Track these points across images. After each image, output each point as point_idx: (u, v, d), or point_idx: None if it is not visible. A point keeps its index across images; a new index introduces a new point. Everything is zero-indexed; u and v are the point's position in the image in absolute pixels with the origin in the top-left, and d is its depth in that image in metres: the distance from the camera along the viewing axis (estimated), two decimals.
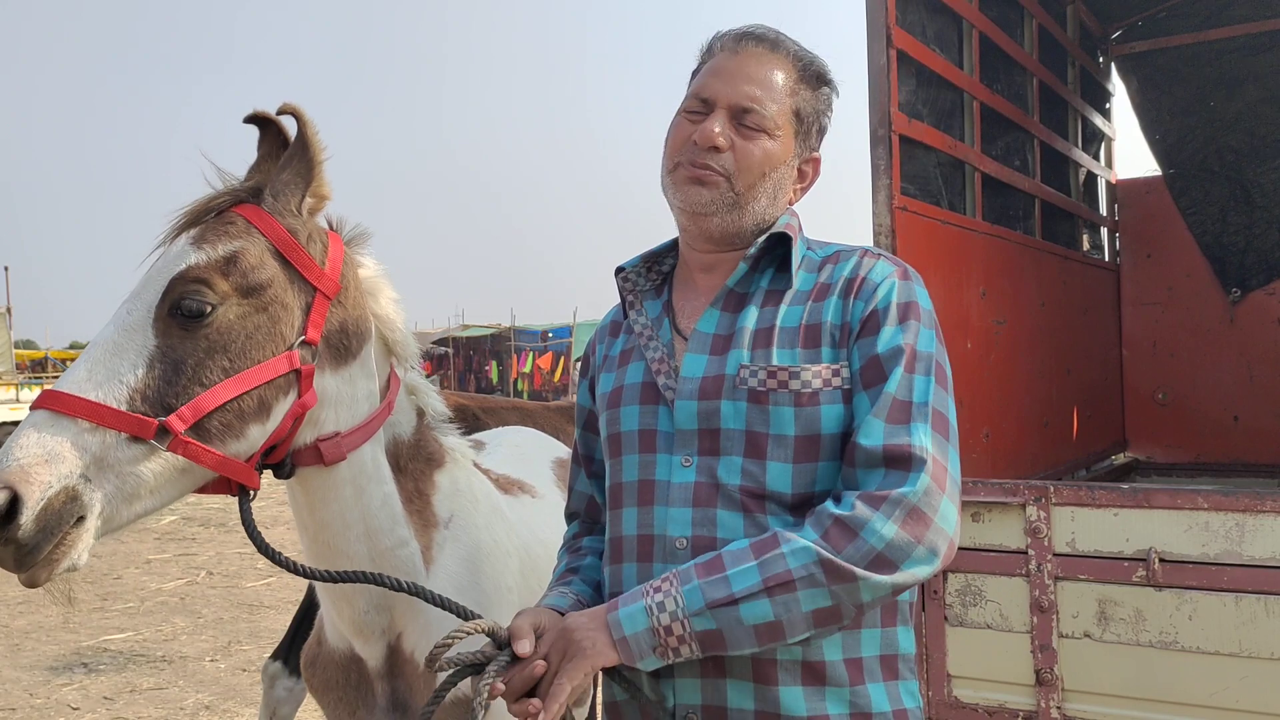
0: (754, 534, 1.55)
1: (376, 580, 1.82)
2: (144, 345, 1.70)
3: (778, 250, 1.72)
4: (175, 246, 1.82)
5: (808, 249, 1.75)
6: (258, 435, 1.80)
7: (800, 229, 1.76)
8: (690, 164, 1.68)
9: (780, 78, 1.70)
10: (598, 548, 1.91)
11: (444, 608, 1.77)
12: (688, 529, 1.59)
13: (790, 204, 1.77)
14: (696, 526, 1.59)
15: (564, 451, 3.52)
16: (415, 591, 1.80)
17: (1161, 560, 2.69)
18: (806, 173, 1.79)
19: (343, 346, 1.95)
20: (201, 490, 1.82)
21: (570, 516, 2.04)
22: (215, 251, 1.79)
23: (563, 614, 1.64)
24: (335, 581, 1.88)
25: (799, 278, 1.69)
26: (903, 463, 1.50)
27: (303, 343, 1.85)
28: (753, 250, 1.69)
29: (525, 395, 34.60)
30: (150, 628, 7.92)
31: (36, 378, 26.68)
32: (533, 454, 3.33)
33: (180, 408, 1.68)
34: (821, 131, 1.78)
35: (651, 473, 1.66)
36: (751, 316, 1.67)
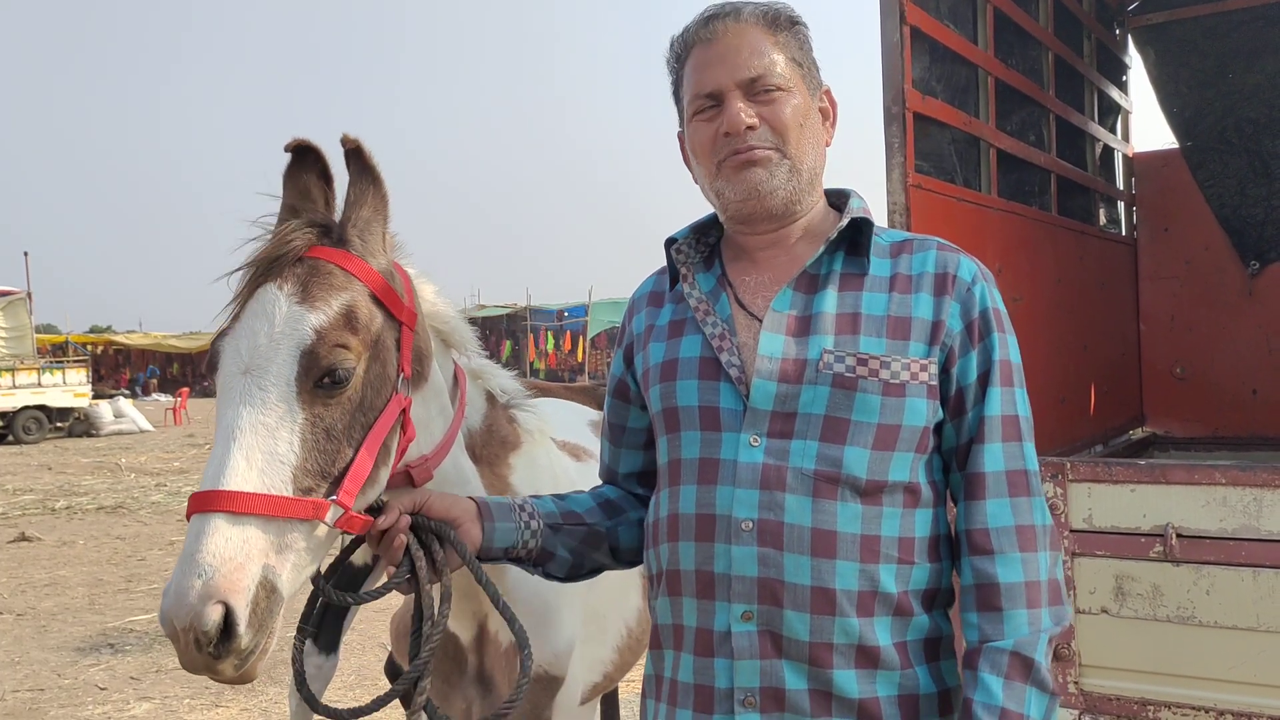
0: (820, 521, 1.55)
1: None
2: (293, 420, 1.62)
3: (846, 231, 1.70)
4: (272, 305, 1.68)
5: (874, 233, 1.73)
6: (384, 480, 1.79)
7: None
8: (733, 154, 1.67)
9: (760, 38, 1.70)
10: (605, 495, 1.95)
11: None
12: (754, 511, 1.57)
13: (827, 144, 1.77)
14: (763, 510, 1.57)
15: (594, 414, 3.58)
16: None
17: (1179, 535, 2.70)
18: (827, 110, 1.78)
19: (418, 372, 1.92)
20: None
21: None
22: (331, 309, 1.69)
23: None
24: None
25: (873, 263, 1.68)
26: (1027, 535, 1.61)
27: (402, 380, 1.82)
28: (833, 235, 1.67)
29: (542, 375, 34.67)
30: None
31: (57, 362, 26.87)
32: (570, 420, 3.38)
33: (343, 479, 1.65)
34: (816, 66, 1.78)
35: (715, 451, 1.62)
36: (830, 300, 1.64)
